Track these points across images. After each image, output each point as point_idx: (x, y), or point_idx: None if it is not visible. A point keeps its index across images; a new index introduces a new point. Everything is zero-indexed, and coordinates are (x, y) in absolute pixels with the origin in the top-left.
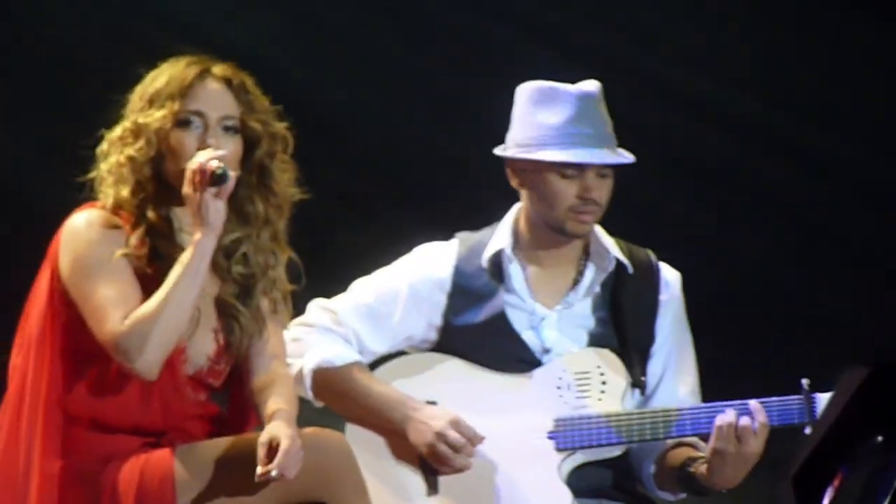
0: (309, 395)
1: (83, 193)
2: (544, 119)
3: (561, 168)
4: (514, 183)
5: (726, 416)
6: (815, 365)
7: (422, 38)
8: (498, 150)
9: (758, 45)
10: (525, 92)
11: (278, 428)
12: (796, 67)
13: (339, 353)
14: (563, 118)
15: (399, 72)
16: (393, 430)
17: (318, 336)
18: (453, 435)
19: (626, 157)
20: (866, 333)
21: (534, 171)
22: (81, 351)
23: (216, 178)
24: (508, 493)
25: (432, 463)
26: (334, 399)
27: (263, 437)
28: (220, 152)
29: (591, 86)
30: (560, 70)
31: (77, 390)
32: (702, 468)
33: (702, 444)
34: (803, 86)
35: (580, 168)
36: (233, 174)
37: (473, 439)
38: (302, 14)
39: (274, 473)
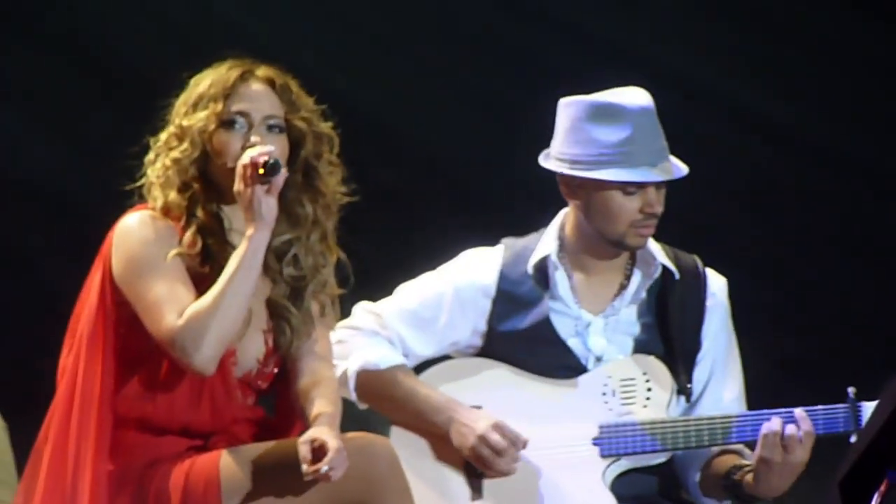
0: (353, 396)
1: (132, 200)
2: (603, 136)
3: (623, 185)
4: (567, 195)
5: (772, 424)
6: (860, 373)
7: (465, 41)
8: (551, 166)
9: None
10: (577, 106)
11: (320, 431)
12: (840, 79)
13: (383, 356)
14: (624, 136)
15: (450, 78)
16: (437, 434)
17: (363, 339)
18: (496, 438)
19: (682, 168)
20: None
21: (593, 188)
22: (132, 351)
23: (268, 169)
24: (553, 499)
25: (476, 466)
26: (378, 401)
27: (305, 436)
28: (270, 147)
29: (645, 99)
30: (605, 80)
31: (127, 391)
32: (748, 476)
33: (747, 451)
34: (852, 97)
35: (641, 184)
36: (285, 170)
37: (516, 443)
38: (354, 25)
39: (324, 470)
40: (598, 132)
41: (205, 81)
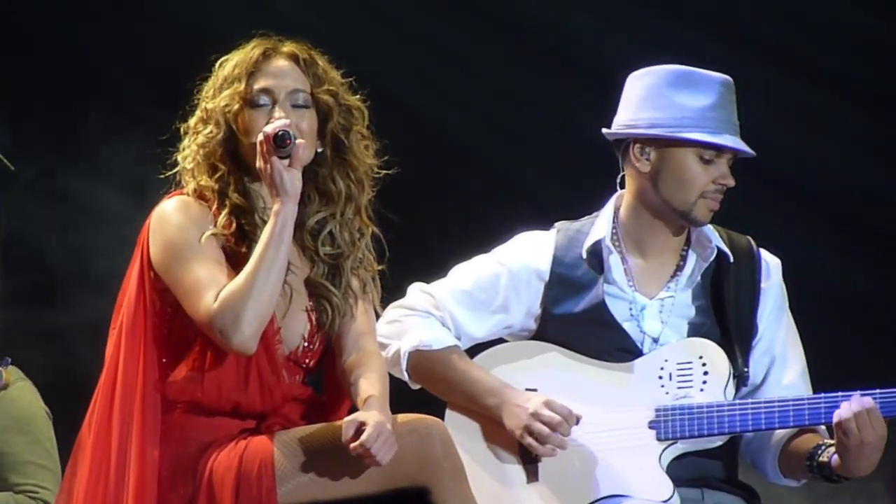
0: (405, 376)
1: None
2: (686, 101)
3: (702, 151)
4: (634, 163)
5: (842, 410)
6: None
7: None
8: (624, 130)
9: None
10: (657, 74)
11: (368, 415)
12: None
13: (436, 337)
14: (709, 102)
15: (506, 62)
16: (490, 416)
17: (416, 319)
18: (548, 413)
19: (752, 152)
20: None
21: (669, 154)
22: (177, 336)
23: (278, 140)
24: (609, 482)
25: (529, 444)
26: (430, 382)
27: (350, 417)
28: (284, 120)
29: (726, 76)
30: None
31: (175, 376)
32: (834, 456)
33: (822, 428)
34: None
35: (718, 154)
36: (300, 141)
37: (568, 418)
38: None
39: (363, 439)
40: (681, 97)
41: (229, 63)
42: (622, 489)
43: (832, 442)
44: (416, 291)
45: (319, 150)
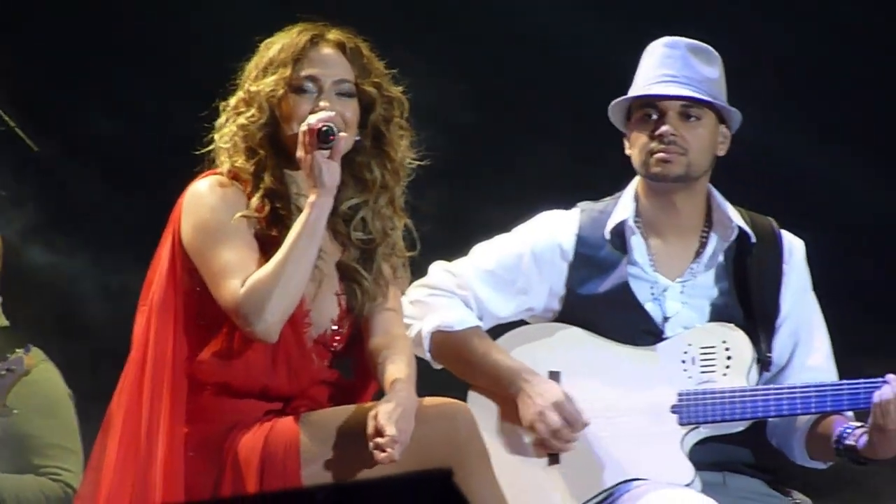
0: (427, 356)
1: (202, 165)
2: (638, 74)
3: (641, 110)
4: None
5: (883, 392)
6: None
7: None
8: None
9: None
10: (645, 51)
11: (387, 410)
12: None
13: (459, 317)
14: (648, 65)
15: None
16: (510, 398)
17: (440, 299)
18: (553, 418)
19: (701, 96)
20: None
21: (630, 123)
22: (206, 317)
23: (322, 135)
24: (630, 465)
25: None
26: (452, 362)
27: (373, 411)
28: (329, 112)
29: (685, 39)
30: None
31: (204, 356)
32: (862, 439)
33: (849, 413)
34: None
35: (659, 111)
36: (343, 134)
37: (574, 424)
38: None
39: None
40: (639, 71)
41: (275, 46)
42: (643, 473)
43: (859, 424)
44: (439, 270)
45: (358, 138)
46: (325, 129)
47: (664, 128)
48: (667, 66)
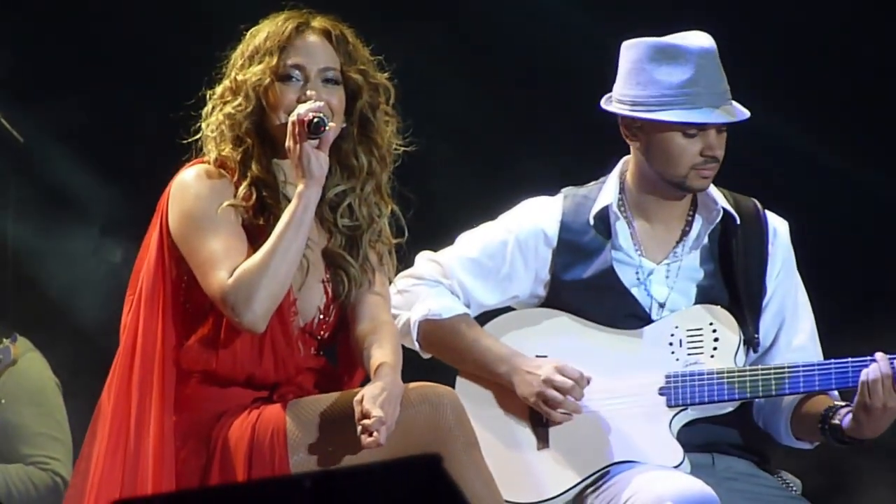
0: (416, 346)
1: (189, 154)
2: (664, 77)
3: (684, 127)
4: (627, 138)
5: (870, 370)
6: None
7: None
8: (612, 108)
9: None
10: (639, 48)
11: (372, 392)
12: None
13: (446, 306)
14: (685, 77)
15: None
16: (501, 384)
17: (425, 288)
18: (560, 378)
19: (743, 112)
20: None
21: (654, 130)
22: (193, 305)
23: (313, 127)
24: (619, 448)
25: (543, 411)
26: (441, 351)
27: (359, 395)
28: (319, 103)
29: (707, 41)
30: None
31: (190, 345)
32: (846, 419)
33: (835, 392)
34: None
35: (702, 127)
36: (332, 124)
37: (580, 381)
38: None
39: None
40: (660, 73)
41: (261, 34)
42: (633, 455)
43: (843, 404)
44: (424, 260)
45: (344, 125)
46: (316, 120)
47: (717, 151)
48: (711, 82)
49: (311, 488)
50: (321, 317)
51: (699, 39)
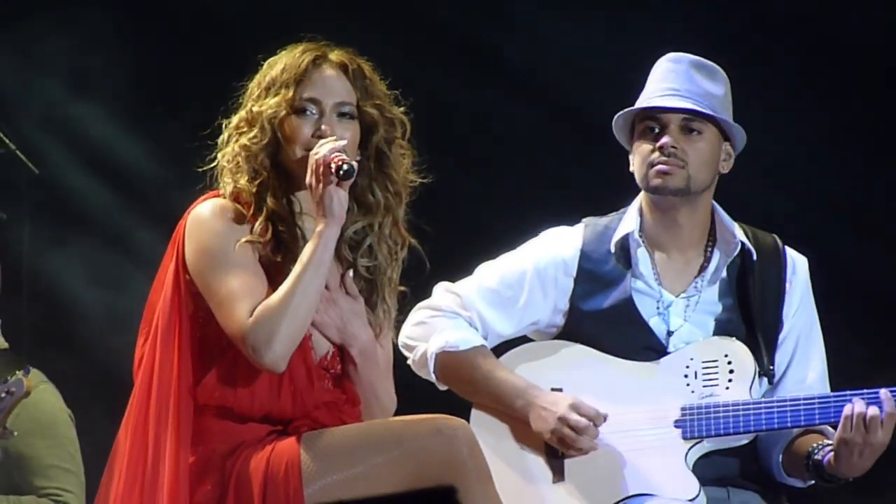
0: (433, 378)
1: (204, 183)
2: (645, 87)
3: (643, 123)
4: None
5: (854, 405)
6: None
7: None
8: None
9: None
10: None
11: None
12: None
13: (463, 338)
14: (652, 80)
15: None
16: (516, 417)
17: (443, 320)
18: (575, 417)
19: (700, 109)
20: None
21: (633, 138)
22: (211, 340)
23: (343, 174)
24: (635, 480)
25: (558, 447)
26: (457, 383)
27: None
28: (342, 142)
29: (690, 55)
30: None
31: (208, 380)
32: (829, 455)
33: (830, 430)
34: None
35: (661, 124)
36: (357, 167)
37: (596, 420)
38: None
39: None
40: (646, 85)
41: (277, 66)
42: (648, 488)
43: (829, 442)
44: (442, 291)
45: (358, 158)
46: (347, 168)
47: (664, 139)
48: (670, 80)
49: None
50: (334, 351)
51: (682, 54)
